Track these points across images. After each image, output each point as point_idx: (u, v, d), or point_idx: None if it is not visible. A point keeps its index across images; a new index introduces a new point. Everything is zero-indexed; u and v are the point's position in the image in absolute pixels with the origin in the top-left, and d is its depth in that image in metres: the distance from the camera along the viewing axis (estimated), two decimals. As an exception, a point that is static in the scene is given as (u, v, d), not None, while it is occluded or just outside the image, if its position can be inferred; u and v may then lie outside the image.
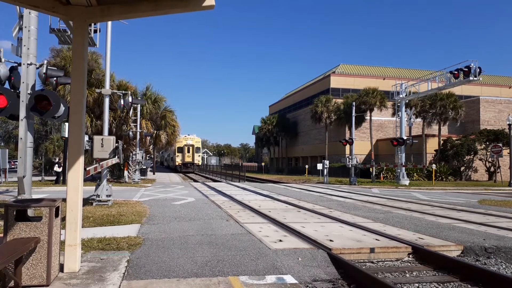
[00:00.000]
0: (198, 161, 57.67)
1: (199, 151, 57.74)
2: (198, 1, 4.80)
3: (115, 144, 11.63)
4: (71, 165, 5.06)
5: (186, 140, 56.08)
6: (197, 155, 56.73)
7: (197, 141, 57.66)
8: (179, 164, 55.20)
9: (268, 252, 6.18)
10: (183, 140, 55.15)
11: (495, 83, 58.95)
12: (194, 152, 55.86)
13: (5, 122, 65.90)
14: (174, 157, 59.99)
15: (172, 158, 65.51)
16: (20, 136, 7.62)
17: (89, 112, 24.91)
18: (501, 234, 8.04)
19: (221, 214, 10.71)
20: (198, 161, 57.67)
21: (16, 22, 8.11)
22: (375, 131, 48.57)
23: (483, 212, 12.00)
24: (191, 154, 55.75)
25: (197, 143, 57.60)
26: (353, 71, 57.33)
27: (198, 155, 57.58)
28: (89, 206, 11.84)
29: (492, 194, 21.76)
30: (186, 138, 56.28)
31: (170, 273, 5.07)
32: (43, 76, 8.42)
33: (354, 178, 30.00)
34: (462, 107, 41.50)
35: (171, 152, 65.19)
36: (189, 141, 56.23)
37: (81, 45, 5.17)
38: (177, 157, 56.07)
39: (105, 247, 6.30)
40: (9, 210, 4.42)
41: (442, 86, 27.64)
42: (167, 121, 32.92)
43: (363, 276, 5.18)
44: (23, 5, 5.24)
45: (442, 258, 6.17)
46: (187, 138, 56.46)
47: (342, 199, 16.19)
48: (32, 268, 4.39)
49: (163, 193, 17.73)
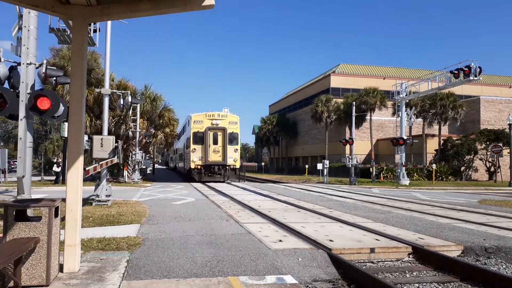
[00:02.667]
0: (235, 160, 28.88)
1: (235, 140, 29.29)
2: (198, 0, 4.79)
3: (115, 144, 11.61)
4: (70, 165, 5.05)
5: (211, 118, 28.71)
6: (232, 149, 28.67)
7: (232, 120, 29.22)
8: (196, 167, 28.34)
9: (268, 252, 6.17)
10: (203, 118, 28.73)
11: (495, 83, 58.94)
12: (227, 142, 28.32)
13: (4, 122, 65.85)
14: (185, 153, 33.12)
15: (181, 156, 38.86)
16: (20, 136, 7.61)
17: (88, 112, 24.89)
18: (502, 234, 8.03)
19: (221, 214, 10.70)
20: (235, 160, 28.88)
21: (16, 22, 8.10)
22: (375, 131, 48.55)
23: (483, 212, 11.99)
24: (221, 147, 28.42)
25: (233, 125, 29.18)
26: (353, 71, 57.31)
27: (235, 149, 28.97)
28: (89, 206, 11.83)
29: (492, 194, 21.75)
30: (211, 115, 28.87)
31: (170, 273, 5.06)
32: (43, 75, 8.41)
33: (354, 178, 29.99)
34: (462, 107, 41.49)
35: (180, 147, 39.51)
36: (218, 121, 28.64)
37: (81, 44, 5.16)
38: (192, 153, 28.49)
39: (105, 247, 6.28)
40: (9, 210, 4.41)
41: (442, 86, 27.63)
42: (165, 120, 32.78)
43: (363, 276, 5.17)
44: (23, 4, 5.23)
45: (442, 258, 6.16)
46: (213, 115, 28.88)
47: (342, 199, 16.18)
48: (32, 268, 4.38)
49: (162, 193, 17.71)
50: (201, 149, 27.64)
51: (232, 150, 27.99)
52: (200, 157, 27.69)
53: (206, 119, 27.89)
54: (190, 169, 28.53)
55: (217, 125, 27.79)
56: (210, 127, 27.60)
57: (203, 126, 27.76)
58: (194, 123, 27.88)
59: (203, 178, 27.45)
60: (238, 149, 28.89)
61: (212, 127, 27.66)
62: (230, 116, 28.67)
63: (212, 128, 27.64)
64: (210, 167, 27.66)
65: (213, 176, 27.81)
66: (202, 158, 27.59)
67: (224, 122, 28.09)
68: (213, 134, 27.72)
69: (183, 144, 35.16)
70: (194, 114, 28.48)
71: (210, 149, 27.52)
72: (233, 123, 28.39)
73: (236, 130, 28.42)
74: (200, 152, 27.68)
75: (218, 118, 27.99)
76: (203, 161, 27.53)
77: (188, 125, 29.96)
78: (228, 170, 28.04)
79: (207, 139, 27.44)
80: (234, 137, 28.35)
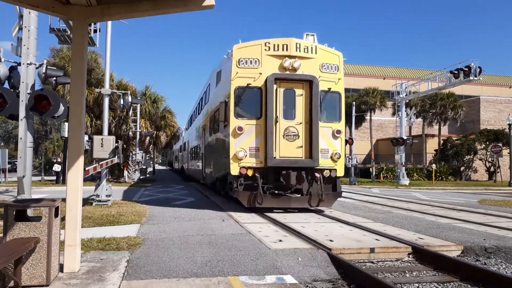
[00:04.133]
0: (335, 156, 11.24)
1: (335, 110, 11.84)
2: (198, 0, 4.80)
3: (115, 144, 11.63)
4: (70, 165, 5.06)
5: (279, 54, 11.23)
6: (328, 131, 11.36)
7: (327, 62, 11.66)
8: (243, 173, 10.74)
9: (268, 252, 6.18)
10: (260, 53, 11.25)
11: (495, 83, 58.93)
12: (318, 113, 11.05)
13: (5, 122, 65.90)
14: (212, 143, 15.07)
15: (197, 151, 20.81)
16: (20, 136, 7.62)
17: (88, 112, 24.89)
18: (501, 234, 8.04)
19: (221, 214, 10.70)
20: (335, 156, 11.24)
21: (16, 22, 8.11)
22: (375, 131, 48.54)
23: (483, 212, 11.99)
24: (304, 126, 11.12)
25: (329, 72, 11.68)
26: (353, 71, 57.30)
27: (335, 131, 11.42)
28: (89, 206, 11.83)
29: (492, 194, 21.75)
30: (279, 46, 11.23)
31: (170, 273, 5.06)
32: (43, 75, 8.42)
33: (354, 178, 30.00)
34: (462, 107, 41.49)
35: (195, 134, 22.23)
36: (296, 61, 11.18)
37: (81, 44, 5.17)
38: (233, 140, 10.92)
39: (105, 247, 6.29)
40: (9, 210, 4.42)
41: (442, 86, 27.63)
42: (166, 122, 32.87)
43: (363, 276, 5.18)
44: (23, 5, 5.24)
45: (442, 258, 6.17)
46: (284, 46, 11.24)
47: (342, 199, 16.15)
48: (32, 268, 4.39)
49: (163, 193, 17.71)
50: (254, 131, 11.26)
51: (328, 133, 11.50)
52: (252, 150, 11.22)
53: (268, 57, 11.43)
54: (226, 178, 12.32)
55: (295, 70, 11.39)
56: (278, 75, 11.26)
57: (259, 75, 11.35)
58: (238, 65, 11.32)
59: (262, 201, 10.74)
60: (342, 131, 11.78)
61: (282, 75, 11.32)
62: (323, 50, 11.88)
63: (282, 79, 11.36)
64: (278, 172, 11.13)
65: (284, 198, 11.10)
66: (256, 151, 11.18)
67: (310, 64, 11.54)
68: (286, 93, 11.43)
69: (203, 125, 17.82)
70: (239, 44, 11.59)
71: (279, 129, 11.18)
72: (330, 68, 11.88)
73: (338, 85, 12.07)
74: (251, 136, 11.27)
75: (296, 56, 11.47)
76: (261, 158, 11.11)
77: (221, 76, 13.66)
78: (320, 182, 11.08)
79: (272, 106, 11.06)
80: (332, 102, 11.98)
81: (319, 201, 10.91)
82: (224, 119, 11.58)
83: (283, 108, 11.08)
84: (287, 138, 11.00)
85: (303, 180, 10.84)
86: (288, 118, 11.10)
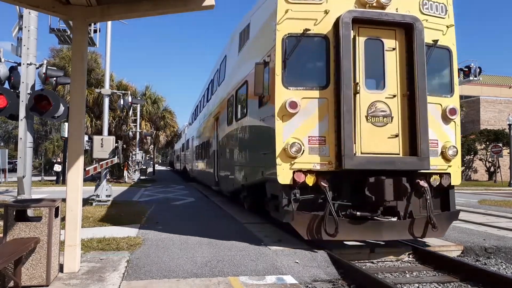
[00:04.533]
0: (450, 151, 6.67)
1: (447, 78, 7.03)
2: (198, 0, 4.80)
3: (115, 144, 11.64)
4: (71, 165, 5.06)
5: None
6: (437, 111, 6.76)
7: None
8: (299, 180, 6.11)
9: (268, 252, 6.17)
10: None
11: (495, 83, 58.95)
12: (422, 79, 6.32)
13: (5, 122, 65.84)
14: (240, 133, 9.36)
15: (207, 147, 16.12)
16: (20, 136, 7.62)
17: (88, 112, 24.89)
18: (501, 234, 8.04)
19: (221, 214, 10.70)
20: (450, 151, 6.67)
21: (16, 22, 8.11)
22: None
23: (483, 212, 11.98)
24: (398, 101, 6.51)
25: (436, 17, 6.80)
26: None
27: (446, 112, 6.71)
28: (89, 206, 11.82)
29: (492, 194, 21.74)
30: None
31: (170, 273, 5.06)
32: (43, 76, 8.41)
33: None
34: (462, 107, 41.49)
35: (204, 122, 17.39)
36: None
37: (81, 45, 5.17)
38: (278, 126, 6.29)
39: (105, 247, 6.29)
40: (9, 210, 4.42)
41: (442, 86, 27.58)
42: (166, 122, 32.91)
43: (363, 276, 5.18)
44: (23, 5, 5.25)
45: (442, 258, 6.17)
46: None
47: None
48: (32, 268, 4.39)
49: (163, 193, 17.70)
50: (316, 109, 6.42)
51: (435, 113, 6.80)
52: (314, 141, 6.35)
53: None
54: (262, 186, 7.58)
55: (383, 7, 6.50)
56: (357, 15, 6.36)
57: (324, 14, 6.44)
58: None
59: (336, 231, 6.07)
60: (458, 110, 6.91)
61: (363, 15, 6.39)
62: None
63: (364, 21, 6.46)
64: (359, 180, 6.32)
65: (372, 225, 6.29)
66: (321, 143, 6.34)
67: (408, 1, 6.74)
68: (369, 46, 6.59)
69: (216, 112, 13.89)
70: None
71: (359, 106, 6.41)
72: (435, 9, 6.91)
73: (447, 36, 6.99)
74: (311, 119, 6.41)
75: None
76: (329, 155, 6.34)
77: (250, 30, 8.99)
78: (428, 195, 6.40)
79: (349, 67, 6.24)
80: (441, 63, 7.05)
81: (426, 227, 6.47)
82: (262, 91, 6.75)
83: (365, 71, 6.55)
84: (373, 122, 6.44)
85: (405, 194, 6.35)
86: (375, 87, 6.71)
